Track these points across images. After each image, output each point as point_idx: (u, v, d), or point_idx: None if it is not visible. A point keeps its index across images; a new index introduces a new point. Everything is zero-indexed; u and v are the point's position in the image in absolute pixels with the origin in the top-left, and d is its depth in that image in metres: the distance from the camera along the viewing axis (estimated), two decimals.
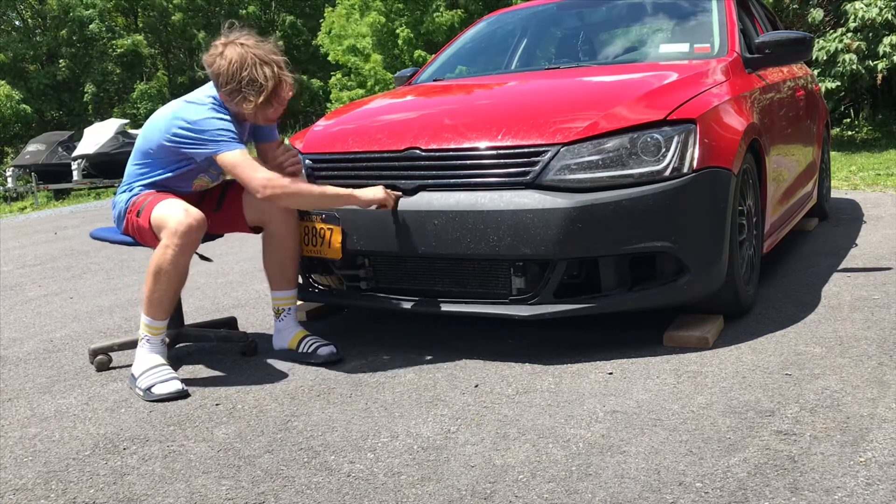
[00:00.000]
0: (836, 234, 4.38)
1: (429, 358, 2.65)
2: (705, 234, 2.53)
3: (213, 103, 2.54)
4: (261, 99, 2.46)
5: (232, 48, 2.48)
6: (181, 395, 2.42)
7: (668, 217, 2.44)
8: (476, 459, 1.87)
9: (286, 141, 2.87)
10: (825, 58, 8.74)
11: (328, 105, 21.66)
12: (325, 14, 21.93)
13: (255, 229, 2.76)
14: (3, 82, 26.14)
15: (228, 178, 2.88)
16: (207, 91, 2.59)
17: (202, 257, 3.03)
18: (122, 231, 2.71)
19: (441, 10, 17.93)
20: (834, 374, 2.25)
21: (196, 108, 2.53)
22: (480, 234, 2.46)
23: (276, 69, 2.49)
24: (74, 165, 16.71)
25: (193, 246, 2.50)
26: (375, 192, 2.57)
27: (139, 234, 2.63)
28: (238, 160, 2.48)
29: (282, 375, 2.58)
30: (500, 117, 2.67)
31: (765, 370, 2.32)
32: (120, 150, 15.82)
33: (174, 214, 2.47)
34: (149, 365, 2.50)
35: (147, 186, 2.64)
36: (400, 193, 2.61)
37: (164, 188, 2.65)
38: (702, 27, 3.51)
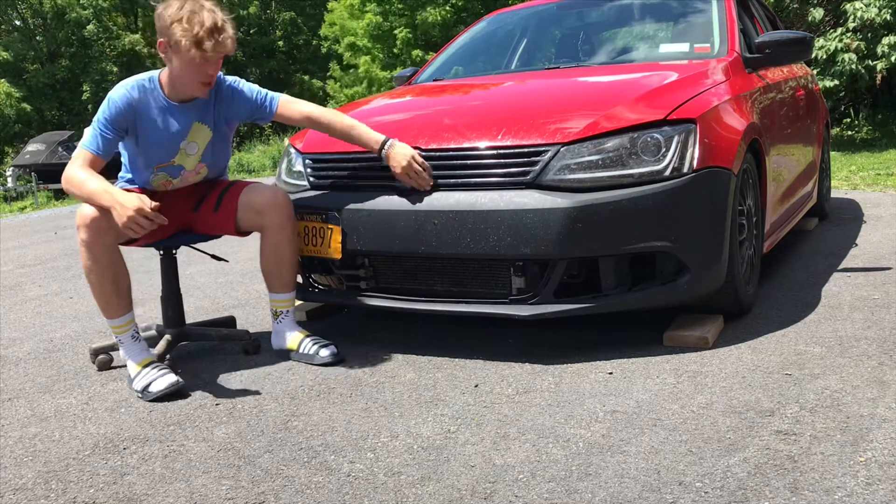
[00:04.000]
0: (836, 234, 4.38)
1: (429, 358, 2.65)
2: (705, 233, 2.53)
3: (135, 85, 2.54)
4: (196, 33, 2.34)
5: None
6: (177, 387, 2.41)
7: (668, 217, 2.44)
8: (476, 459, 1.87)
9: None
10: (824, 57, 8.74)
11: (327, 104, 21.71)
12: (328, 6, 22.08)
13: (244, 233, 2.75)
14: (2, 81, 26.14)
15: (227, 177, 2.88)
16: (146, 73, 2.61)
17: (215, 257, 3.04)
18: None
19: (428, 9, 17.95)
20: (834, 374, 2.25)
21: (118, 86, 2.56)
22: (480, 233, 2.46)
23: (220, 21, 2.40)
24: None
25: (100, 237, 2.40)
26: (130, 201, 2.29)
27: None
28: (75, 154, 2.51)
29: (282, 375, 2.58)
30: (500, 117, 2.67)
31: (765, 370, 2.32)
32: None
33: (80, 209, 2.44)
34: (138, 367, 2.50)
35: (127, 183, 2.72)
36: (157, 204, 2.34)
37: (133, 185, 2.71)
38: (702, 27, 3.51)
